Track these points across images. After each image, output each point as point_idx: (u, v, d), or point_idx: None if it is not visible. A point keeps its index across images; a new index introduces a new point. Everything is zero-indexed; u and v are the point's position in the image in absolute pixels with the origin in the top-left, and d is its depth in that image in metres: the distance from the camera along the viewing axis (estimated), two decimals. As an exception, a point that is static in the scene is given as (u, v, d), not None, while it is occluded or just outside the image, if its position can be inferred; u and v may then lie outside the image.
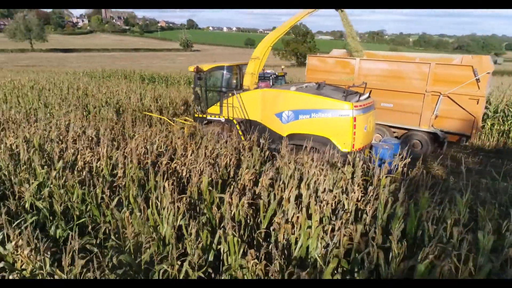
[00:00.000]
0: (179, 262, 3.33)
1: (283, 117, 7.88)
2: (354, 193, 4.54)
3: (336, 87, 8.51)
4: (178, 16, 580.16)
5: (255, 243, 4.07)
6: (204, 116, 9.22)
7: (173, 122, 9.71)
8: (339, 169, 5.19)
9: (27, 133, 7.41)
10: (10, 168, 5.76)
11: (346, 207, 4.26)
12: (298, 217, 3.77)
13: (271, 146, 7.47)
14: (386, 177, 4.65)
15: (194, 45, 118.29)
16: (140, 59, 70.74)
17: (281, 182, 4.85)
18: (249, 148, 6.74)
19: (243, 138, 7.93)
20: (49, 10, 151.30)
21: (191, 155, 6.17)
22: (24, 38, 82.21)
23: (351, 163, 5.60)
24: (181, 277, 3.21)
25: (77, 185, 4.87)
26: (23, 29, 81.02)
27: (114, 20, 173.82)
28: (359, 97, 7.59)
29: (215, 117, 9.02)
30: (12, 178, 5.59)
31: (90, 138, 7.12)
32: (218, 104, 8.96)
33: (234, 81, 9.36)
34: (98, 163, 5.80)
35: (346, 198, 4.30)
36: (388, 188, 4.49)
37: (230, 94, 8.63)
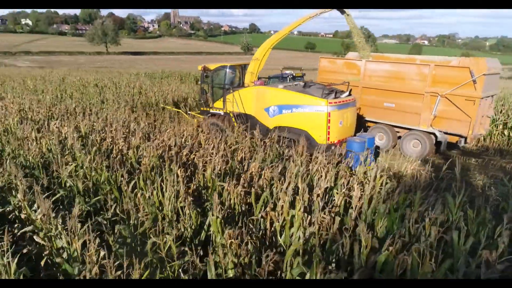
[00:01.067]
0: (167, 237, 3.76)
1: (270, 111, 8.77)
2: (354, 190, 4.67)
3: (323, 85, 8.96)
4: (241, 20, 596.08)
5: (247, 228, 4.37)
6: (208, 109, 10.31)
7: (188, 116, 10.78)
8: (340, 167, 5.30)
9: (80, 124, 8.46)
10: (58, 152, 6.69)
11: (336, 201, 4.40)
12: (282, 206, 4.01)
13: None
14: (381, 176, 4.68)
15: (254, 48, 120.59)
16: (203, 62, 73.63)
17: (285, 176, 5.12)
18: (267, 145, 7.08)
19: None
20: (124, 16, 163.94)
21: (212, 149, 6.66)
22: (101, 42, 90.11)
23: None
24: (165, 249, 3.63)
25: (105, 168, 5.56)
26: (100, 34, 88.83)
27: (181, 25, 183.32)
28: (336, 94, 8.16)
29: (217, 110, 10.03)
30: (59, 160, 6.50)
31: (127, 130, 7.92)
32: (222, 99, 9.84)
33: (237, 79, 10.18)
34: (129, 151, 6.51)
35: (337, 193, 4.44)
36: (384, 187, 4.55)
37: (231, 91, 9.58)
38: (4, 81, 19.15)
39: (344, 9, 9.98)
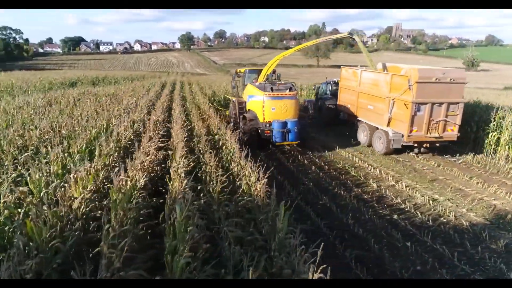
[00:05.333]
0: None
1: (247, 99, 12.84)
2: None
3: (283, 84, 12.25)
4: (478, 32, 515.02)
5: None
6: (232, 98, 15.17)
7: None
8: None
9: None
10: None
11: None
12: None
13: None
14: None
15: (483, 64, 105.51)
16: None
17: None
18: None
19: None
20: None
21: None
22: (313, 56, 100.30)
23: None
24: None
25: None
26: (314, 48, 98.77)
27: (402, 39, 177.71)
28: (272, 89, 11.64)
29: (233, 99, 14.72)
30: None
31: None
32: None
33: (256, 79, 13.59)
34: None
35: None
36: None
37: (244, 87, 13.91)
38: (191, 83, 27.73)
39: (354, 37, 13.56)
